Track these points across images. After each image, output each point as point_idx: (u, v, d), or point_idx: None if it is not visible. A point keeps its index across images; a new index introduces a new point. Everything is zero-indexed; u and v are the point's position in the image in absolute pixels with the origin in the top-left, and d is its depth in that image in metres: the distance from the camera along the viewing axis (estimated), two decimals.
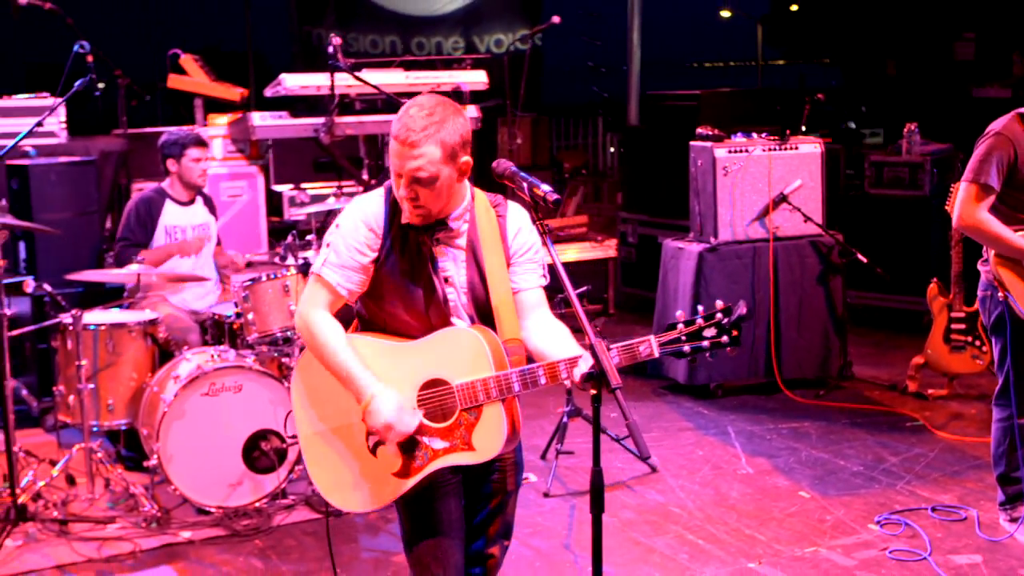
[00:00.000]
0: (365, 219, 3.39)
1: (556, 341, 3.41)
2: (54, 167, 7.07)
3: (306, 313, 3.42)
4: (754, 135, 7.50)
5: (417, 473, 3.38)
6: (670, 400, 7.46)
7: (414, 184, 3.26)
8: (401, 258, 3.38)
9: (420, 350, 3.37)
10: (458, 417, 3.34)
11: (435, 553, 3.46)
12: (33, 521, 5.46)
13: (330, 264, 3.41)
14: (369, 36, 14.80)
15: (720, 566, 5.07)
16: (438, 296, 3.40)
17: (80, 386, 5.65)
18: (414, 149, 3.25)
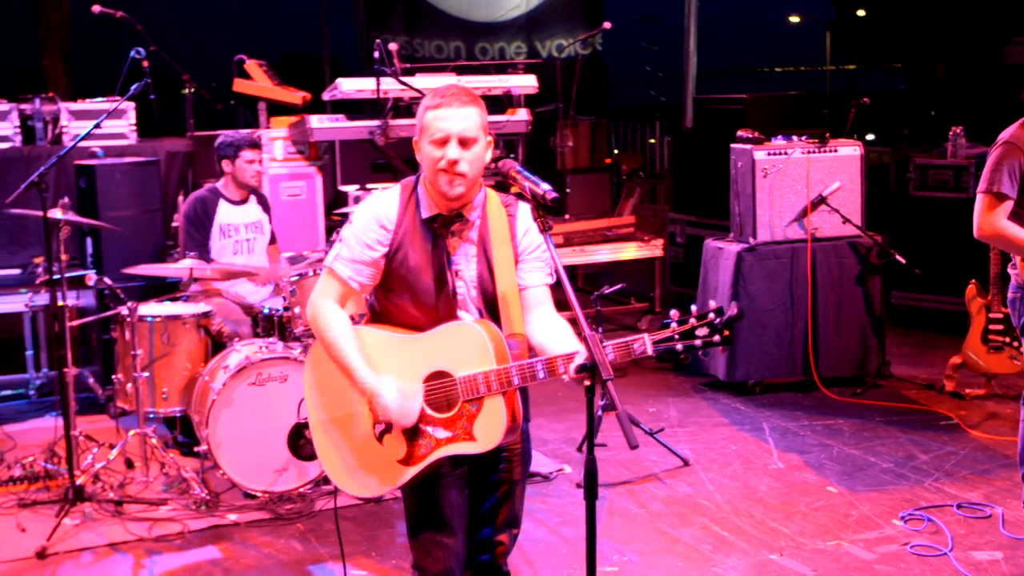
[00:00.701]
0: (377, 216, 3.46)
1: (557, 337, 3.46)
2: (119, 167, 7.27)
3: (317, 305, 3.50)
4: (794, 138, 7.47)
5: (421, 461, 3.44)
6: (709, 396, 7.47)
7: (460, 146, 3.33)
8: (413, 252, 3.44)
9: (425, 343, 3.44)
10: (460, 408, 3.40)
11: (436, 539, 3.53)
12: (90, 501, 5.62)
13: (342, 258, 3.48)
14: (434, 42, 14.90)
15: (742, 557, 5.09)
16: (448, 288, 3.46)
17: (136, 374, 5.82)
18: (462, 108, 3.35)
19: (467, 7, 14.98)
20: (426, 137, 3.39)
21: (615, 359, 3.37)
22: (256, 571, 5.01)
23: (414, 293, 3.47)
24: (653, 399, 7.44)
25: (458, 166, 3.34)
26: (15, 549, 5.24)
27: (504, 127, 8.82)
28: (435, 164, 3.36)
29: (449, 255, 3.47)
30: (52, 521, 5.40)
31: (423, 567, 3.58)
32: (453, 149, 3.35)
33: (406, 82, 7.34)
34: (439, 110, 3.37)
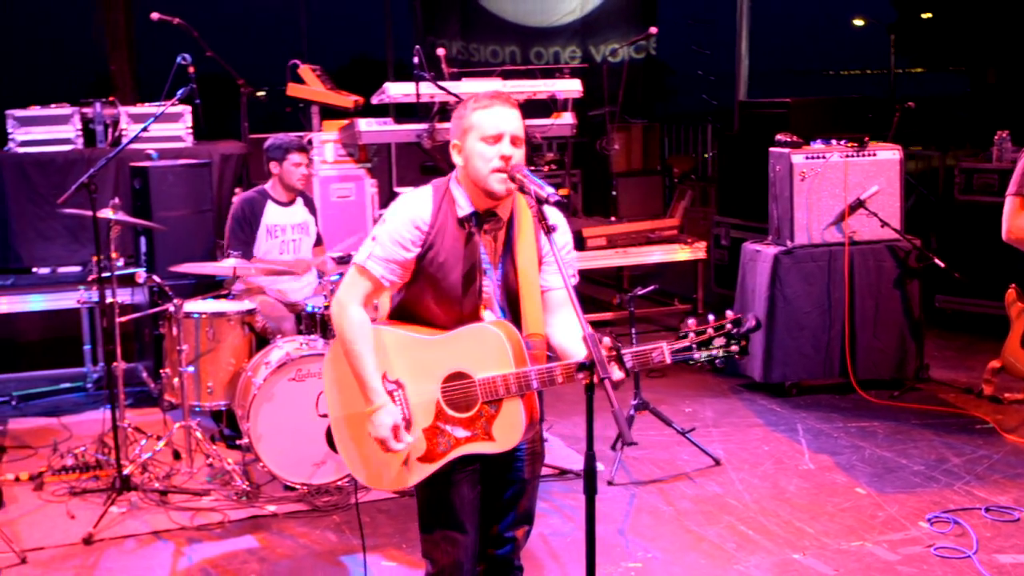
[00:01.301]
0: (412, 217, 3.49)
1: (577, 340, 3.45)
2: (172, 169, 7.43)
3: (343, 305, 3.53)
4: (833, 142, 7.44)
5: (440, 459, 3.50)
6: (745, 397, 7.46)
7: (512, 145, 3.40)
8: (444, 251, 3.47)
9: (445, 344, 3.48)
10: (479, 409, 3.45)
11: (446, 535, 3.58)
12: (136, 491, 5.78)
13: (375, 257, 3.51)
14: (490, 46, 14.99)
15: (765, 556, 5.10)
16: (475, 286, 3.50)
17: (181, 369, 5.97)
18: (513, 109, 3.45)
19: (522, 12, 15.05)
20: (475, 135, 3.42)
21: (633, 367, 3.40)
22: (290, 560, 5.12)
23: (440, 291, 3.51)
24: (690, 399, 7.45)
25: (511, 162, 3.40)
26: (64, 535, 5.40)
27: (549, 130, 8.89)
28: (487, 161, 3.40)
29: (480, 254, 3.52)
30: (100, 509, 5.56)
31: (433, 559, 3.64)
32: (507, 146, 3.41)
33: (444, 87, 7.43)
34: (492, 109, 3.43)
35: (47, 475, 6.04)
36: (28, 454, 6.53)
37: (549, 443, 6.55)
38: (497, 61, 14.85)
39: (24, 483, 6.05)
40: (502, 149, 3.39)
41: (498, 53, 15.00)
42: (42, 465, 6.17)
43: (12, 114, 8.35)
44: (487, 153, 3.40)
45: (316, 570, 5.03)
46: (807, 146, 7.41)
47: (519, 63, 14.69)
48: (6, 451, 6.61)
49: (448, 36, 14.75)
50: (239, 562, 5.12)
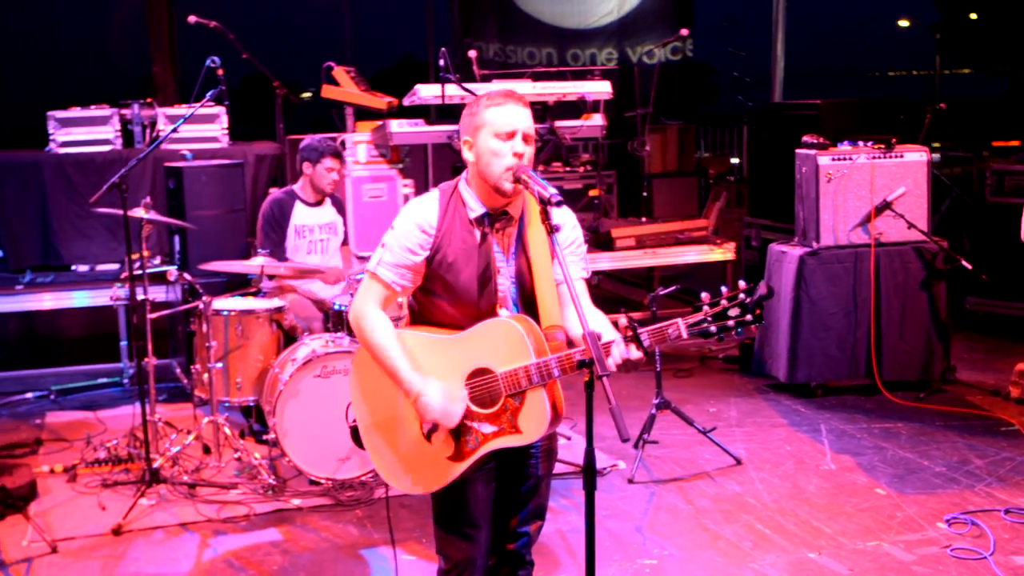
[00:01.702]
0: (418, 222, 3.53)
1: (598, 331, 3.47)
2: (205, 169, 7.55)
3: (360, 309, 3.58)
4: (860, 143, 7.42)
5: (470, 456, 3.51)
6: (770, 397, 7.45)
7: (524, 142, 3.44)
8: (455, 252, 3.51)
9: (465, 342, 3.51)
10: (504, 403, 3.47)
11: (461, 531, 3.63)
12: (165, 483, 5.89)
13: (384, 263, 3.55)
14: (527, 48, 15.03)
15: (780, 555, 5.11)
16: (491, 285, 3.53)
17: (210, 365, 6.07)
18: (524, 108, 3.48)
19: (559, 14, 15.08)
20: (488, 132, 3.45)
21: (651, 345, 3.41)
22: (312, 553, 5.20)
23: (454, 292, 3.54)
24: (715, 399, 7.46)
25: (522, 160, 3.44)
26: (95, 525, 5.51)
27: (579, 132, 8.90)
28: (500, 158, 3.43)
29: (493, 253, 3.56)
30: (130, 501, 5.67)
31: (447, 555, 3.69)
32: (520, 143, 3.44)
33: (469, 89, 7.47)
34: (505, 107, 3.46)
35: (80, 467, 6.17)
36: (64, 447, 6.67)
37: (572, 441, 6.59)
38: (534, 63, 14.89)
39: (58, 475, 6.18)
40: (515, 146, 3.43)
41: (535, 55, 15.04)
42: (76, 458, 6.30)
43: (53, 115, 8.52)
44: (500, 149, 3.43)
45: (337, 563, 5.10)
46: (834, 147, 7.39)
47: (555, 65, 14.72)
48: (43, 443, 6.75)
49: (485, 38, 14.82)
50: (262, 554, 5.20)
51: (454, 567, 3.67)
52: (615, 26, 15.08)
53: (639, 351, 3.36)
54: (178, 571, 5.06)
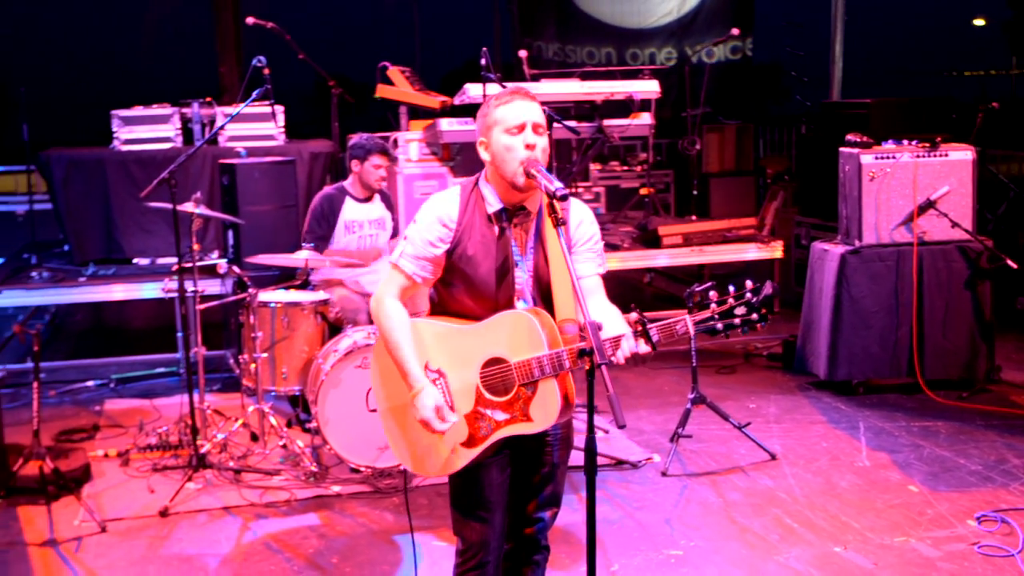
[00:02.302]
0: (439, 216, 3.61)
1: (609, 322, 3.52)
2: (258, 166, 7.72)
3: (380, 300, 3.68)
4: (905, 142, 7.37)
5: (482, 443, 3.60)
6: (811, 395, 7.44)
7: (535, 133, 3.50)
8: (474, 246, 3.59)
9: (481, 332, 3.60)
10: (516, 392, 3.54)
11: (476, 514, 3.70)
12: (212, 469, 6.07)
13: (407, 255, 3.65)
14: (586, 48, 15.08)
15: (806, 548, 5.12)
16: (509, 278, 3.60)
17: (256, 355, 6.23)
18: (532, 102, 3.54)
19: (619, 14, 15.11)
20: (499, 129, 3.52)
21: (659, 341, 3.46)
22: (347, 538, 5.32)
23: (473, 285, 3.61)
24: (756, 395, 7.47)
25: (535, 150, 3.51)
26: (143, 507, 5.70)
27: (627, 130, 8.96)
28: (514, 152, 3.49)
29: (512, 247, 3.64)
30: (178, 485, 5.84)
31: (463, 536, 3.78)
32: (530, 134, 3.51)
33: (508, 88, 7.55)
34: (512, 103, 3.53)
35: (132, 452, 6.37)
36: (119, 433, 6.88)
37: (610, 434, 6.65)
38: (593, 62, 14.95)
39: (112, 459, 6.39)
40: (526, 137, 3.50)
41: (594, 54, 15.09)
42: (129, 443, 6.50)
43: (117, 114, 8.78)
44: (513, 144, 3.50)
45: (371, 548, 5.22)
46: (877, 146, 7.35)
47: (615, 64, 14.76)
48: (100, 429, 6.97)
49: (545, 38, 14.91)
50: (300, 537, 5.34)
51: (469, 548, 3.76)
52: (675, 26, 15.07)
53: (647, 345, 3.41)
54: (219, 552, 5.21)
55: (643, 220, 9.76)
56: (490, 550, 3.75)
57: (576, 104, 8.89)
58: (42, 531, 5.47)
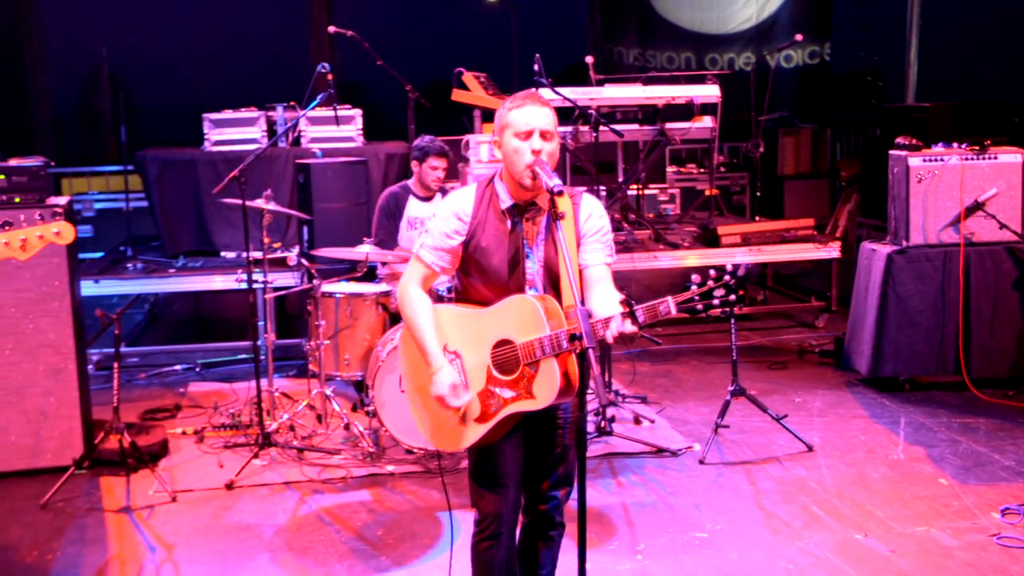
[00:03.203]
0: (455, 211, 3.82)
1: (607, 308, 3.67)
2: (331, 166, 8.01)
3: (404, 287, 3.89)
4: (955, 145, 7.34)
5: (492, 418, 3.77)
6: (858, 391, 7.45)
7: (542, 139, 3.68)
8: (487, 238, 3.77)
9: (492, 315, 3.77)
10: (521, 371, 3.71)
11: (491, 487, 3.87)
12: (277, 447, 6.35)
13: (426, 246, 3.86)
14: (666, 53, 15.14)
15: (828, 534, 5.18)
16: (520, 268, 3.77)
17: (319, 342, 6.49)
18: (542, 107, 3.71)
19: (699, 20, 15.14)
20: (510, 131, 3.70)
21: (644, 320, 3.57)
22: (394, 513, 5.54)
23: (487, 274, 3.80)
24: (803, 390, 7.50)
25: (540, 156, 3.68)
26: (212, 481, 6.00)
27: (688, 133, 9.03)
28: (521, 155, 3.67)
29: (523, 239, 3.83)
30: (245, 461, 6.14)
31: (479, 507, 3.96)
32: (537, 140, 3.69)
33: (560, 93, 7.70)
34: (523, 108, 3.70)
35: (207, 430, 6.69)
36: (198, 413, 7.22)
37: (656, 424, 6.77)
38: (673, 67, 15.01)
39: (189, 436, 6.72)
40: (532, 144, 3.67)
41: (674, 59, 15.15)
42: (205, 422, 6.83)
43: (208, 117, 9.16)
44: (520, 148, 3.68)
45: (414, 523, 5.43)
46: (926, 149, 7.33)
47: (694, 69, 14.81)
48: (181, 409, 7.32)
49: (626, 44, 15.03)
50: (351, 512, 5.58)
51: (485, 518, 3.93)
52: (753, 31, 15.05)
53: (634, 325, 3.53)
54: (275, 523, 5.47)
55: (706, 220, 9.82)
56: (503, 522, 3.92)
57: (641, 107, 8.99)
58: (119, 499, 5.81)
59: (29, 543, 5.29)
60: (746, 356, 8.43)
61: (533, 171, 3.65)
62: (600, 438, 6.46)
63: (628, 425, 6.75)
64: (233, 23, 22.61)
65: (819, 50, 15.21)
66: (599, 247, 3.86)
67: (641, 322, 3.54)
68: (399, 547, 5.16)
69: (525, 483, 4.00)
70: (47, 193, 6.18)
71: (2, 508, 5.73)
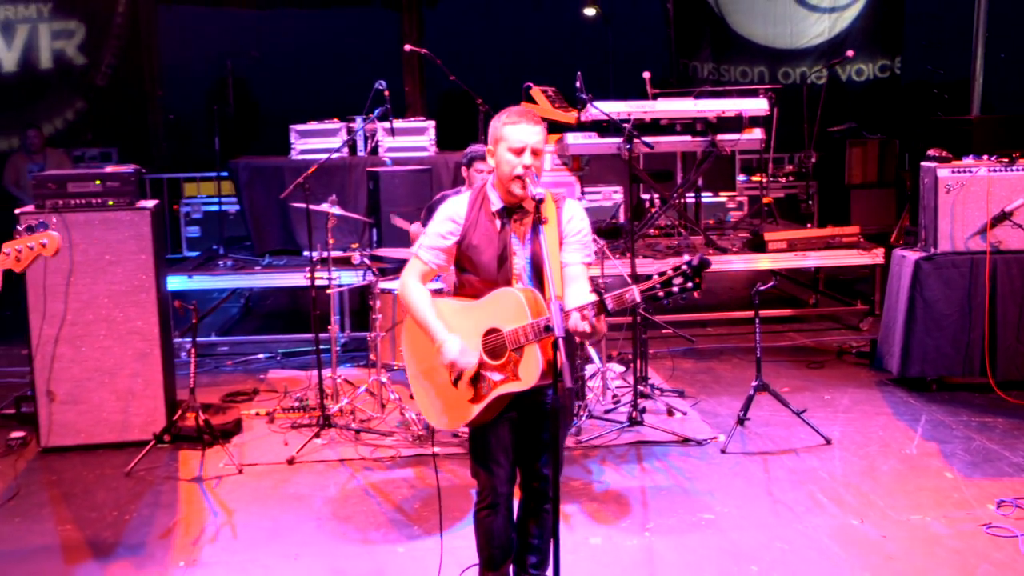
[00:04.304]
0: (450, 215, 4.16)
1: (578, 302, 3.95)
2: (398, 173, 8.40)
3: (405, 281, 4.23)
4: (984, 157, 7.40)
5: (484, 399, 4.10)
6: (887, 390, 7.54)
7: (532, 155, 3.99)
8: (479, 238, 4.09)
9: (482, 307, 4.10)
10: (508, 356, 4.02)
11: (486, 463, 4.20)
12: (336, 428, 6.76)
13: (424, 246, 4.21)
14: (740, 67, 15.26)
15: (827, 519, 5.36)
16: (508, 264, 4.09)
17: (376, 334, 6.88)
18: (536, 125, 4.02)
19: (772, 35, 15.23)
20: (504, 145, 4.01)
21: (613, 307, 3.84)
22: (431, 489, 5.88)
23: (478, 269, 4.12)
24: (834, 388, 7.63)
25: (529, 170, 3.99)
26: (275, 456, 6.43)
27: (737, 144, 9.20)
28: (512, 168, 3.99)
29: (510, 238, 4.13)
30: (306, 439, 6.57)
31: (477, 479, 4.28)
32: (528, 156, 4.01)
33: (599, 108, 7.96)
34: (518, 126, 4.01)
35: (277, 412, 7.14)
36: (273, 396, 7.67)
37: (687, 416, 7.00)
38: (746, 80, 15.13)
39: (261, 417, 7.18)
40: (524, 159, 3.98)
41: (747, 73, 15.26)
42: (276, 405, 7.28)
43: (295, 128, 9.65)
44: (512, 161, 3.99)
45: (448, 498, 5.76)
46: (956, 161, 7.40)
47: (767, 82, 14.91)
48: (259, 393, 7.78)
49: (701, 59, 15.19)
50: (394, 487, 5.94)
51: (483, 490, 4.26)
52: (825, 46, 15.08)
53: (601, 312, 3.80)
54: (326, 495, 5.86)
55: (758, 227, 9.96)
56: (498, 494, 4.23)
57: (694, 120, 9.19)
58: (193, 470, 6.28)
59: (111, 505, 5.79)
60: (787, 355, 8.58)
61: (523, 182, 3.95)
62: (632, 428, 6.72)
63: (661, 416, 6.99)
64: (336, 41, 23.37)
65: (889, 64, 15.16)
66: (578, 247, 4.15)
67: (611, 309, 3.82)
68: (432, 518, 5.50)
69: (519, 462, 4.30)
70: (136, 197, 6.69)
71: (93, 474, 6.25)
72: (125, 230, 6.59)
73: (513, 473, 4.28)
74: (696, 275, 3.72)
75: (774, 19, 15.21)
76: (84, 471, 6.31)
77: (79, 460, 6.47)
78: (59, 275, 6.52)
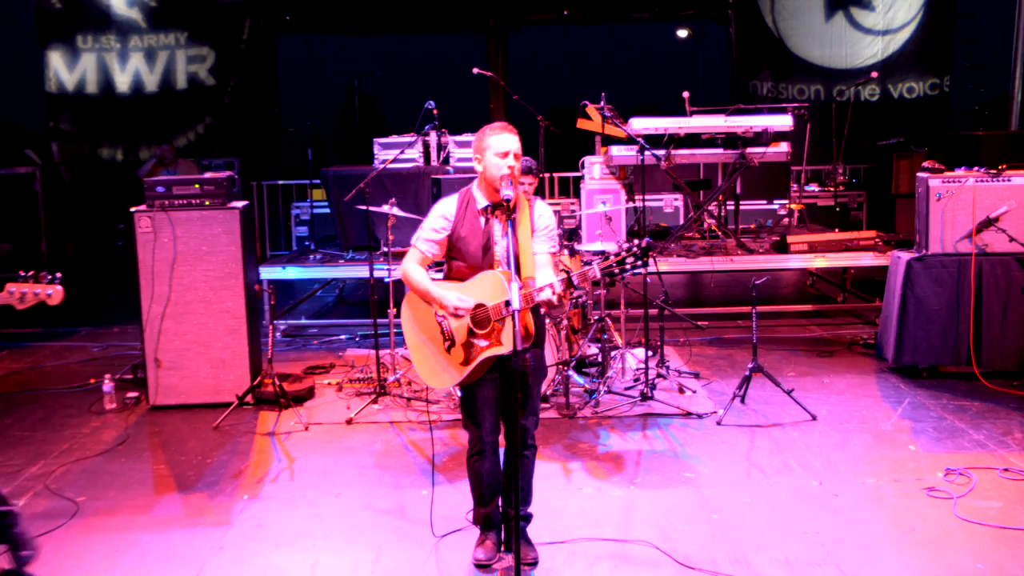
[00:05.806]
0: (442, 213, 4.77)
1: (543, 281, 4.56)
2: (458, 180, 9.02)
3: (405, 266, 4.83)
4: (975, 169, 7.67)
5: (473, 361, 4.67)
6: (883, 377, 7.86)
7: (514, 158, 4.59)
8: (466, 231, 4.70)
9: (470, 286, 4.68)
10: (492, 325, 4.62)
11: (475, 417, 4.78)
12: (390, 396, 7.43)
13: (420, 238, 4.82)
14: (797, 85, 15.49)
15: (791, 479, 5.78)
16: (491, 252, 4.68)
17: None
18: (514, 135, 4.64)
19: (828, 56, 15.42)
20: (491, 151, 4.61)
21: (578, 281, 4.43)
22: (462, 447, 6.47)
23: (466, 256, 4.72)
24: (835, 374, 7.98)
25: (513, 170, 4.60)
26: (338, 417, 7.14)
27: (764, 156, 9.57)
28: (499, 168, 4.58)
29: (493, 231, 4.71)
30: (364, 405, 7.25)
31: (468, 431, 4.87)
32: (511, 159, 4.61)
33: (618, 124, 8.44)
34: (501, 136, 4.63)
35: (345, 382, 7.85)
36: (346, 370, 8.39)
37: (696, 394, 7.45)
38: (803, 98, 15.36)
39: (332, 386, 7.89)
40: (509, 161, 4.58)
41: (804, 91, 15.49)
42: (345, 376, 8.00)
43: (377, 141, 10.37)
44: (499, 163, 4.59)
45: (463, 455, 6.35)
46: (948, 172, 7.69)
47: (823, 100, 15.13)
48: (335, 367, 8.51)
49: (760, 78, 15.49)
50: (429, 444, 6.56)
51: (472, 439, 4.84)
52: (879, 66, 15.19)
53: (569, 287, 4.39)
54: (373, 449, 6.53)
55: (785, 231, 10.30)
56: (485, 443, 4.81)
57: (727, 135, 9.61)
58: (268, 426, 7.02)
59: (198, 451, 6.56)
60: (803, 345, 8.93)
61: (508, 180, 4.54)
62: (643, 402, 7.21)
63: (672, 394, 7.46)
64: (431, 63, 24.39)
65: (939, 82, 15.20)
66: (545, 239, 4.73)
67: (576, 283, 4.40)
68: (456, 470, 6.10)
69: (503, 414, 4.86)
70: (229, 199, 7.47)
71: (188, 427, 7.05)
72: (219, 226, 7.37)
73: (497, 425, 4.85)
74: (643, 256, 4.28)
75: (831, 41, 15.40)
76: (181, 424, 7.11)
77: (178, 416, 7.29)
78: (164, 263, 7.35)
